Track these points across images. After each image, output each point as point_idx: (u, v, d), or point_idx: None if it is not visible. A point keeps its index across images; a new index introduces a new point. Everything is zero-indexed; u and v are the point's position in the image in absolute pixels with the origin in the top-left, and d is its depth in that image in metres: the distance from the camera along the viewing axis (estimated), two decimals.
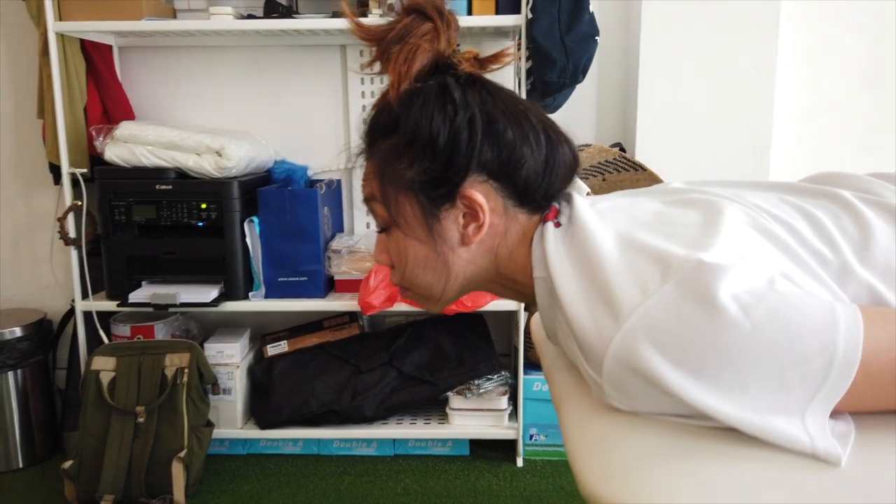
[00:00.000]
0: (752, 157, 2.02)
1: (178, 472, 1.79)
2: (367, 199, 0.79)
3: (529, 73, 1.81)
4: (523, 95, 1.83)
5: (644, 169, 1.94)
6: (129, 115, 2.10)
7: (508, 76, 2.09)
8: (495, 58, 0.78)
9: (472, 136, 0.72)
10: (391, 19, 0.75)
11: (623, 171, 1.97)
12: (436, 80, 0.74)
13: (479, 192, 0.73)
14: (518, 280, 0.78)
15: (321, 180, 2.14)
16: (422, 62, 0.74)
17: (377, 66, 0.77)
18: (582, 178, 1.72)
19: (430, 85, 0.74)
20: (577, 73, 1.77)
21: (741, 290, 0.59)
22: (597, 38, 1.80)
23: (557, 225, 0.75)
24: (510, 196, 0.75)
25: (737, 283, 0.59)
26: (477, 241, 0.75)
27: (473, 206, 0.73)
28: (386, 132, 0.76)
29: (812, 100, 2.09)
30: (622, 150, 2.01)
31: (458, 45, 0.78)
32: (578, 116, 2.14)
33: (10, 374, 1.99)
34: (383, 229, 0.79)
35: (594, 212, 0.74)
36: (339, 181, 2.18)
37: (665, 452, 0.62)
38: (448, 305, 0.82)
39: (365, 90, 2.12)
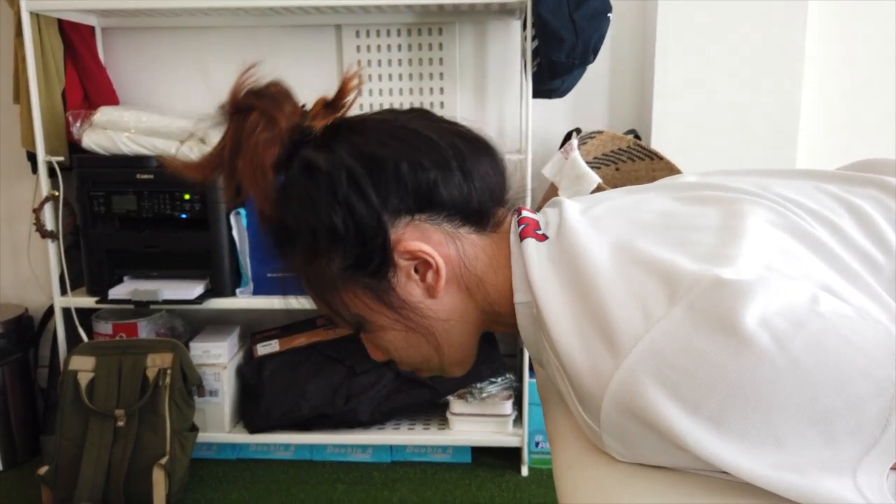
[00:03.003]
0: (777, 144, 1.87)
1: (158, 479, 1.68)
2: (325, 319, 0.68)
3: (536, 53, 1.67)
4: (528, 77, 1.69)
5: (660, 158, 1.80)
6: (113, 100, 1.99)
7: (514, 57, 1.95)
8: (343, 91, 0.65)
9: (364, 192, 0.59)
10: (215, 144, 0.63)
11: (637, 160, 1.83)
12: (296, 160, 0.62)
13: (413, 237, 0.61)
14: (501, 312, 0.65)
15: None
16: (271, 156, 0.61)
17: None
18: (594, 168, 1.59)
19: (293, 172, 0.61)
20: (588, 52, 1.63)
21: (773, 313, 0.46)
22: (609, 14, 1.65)
23: (542, 238, 0.62)
24: (445, 219, 0.62)
25: (767, 305, 0.46)
26: (443, 285, 0.62)
27: (417, 255, 0.61)
28: (288, 245, 0.64)
29: (844, 83, 1.93)
30: (637, 137, 1.86)
31: (302, 106, 0.65)
32: (589, 101, 1.99)
33: None
34: (369, 333, 0.68)
35: (586, 219, 0.61)
36: None
37: None
38: (468, 363, 0.70)
39: (361, 74, 1.99)
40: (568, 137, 1.81)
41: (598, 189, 1.51)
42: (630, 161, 1.84)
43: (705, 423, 0.47)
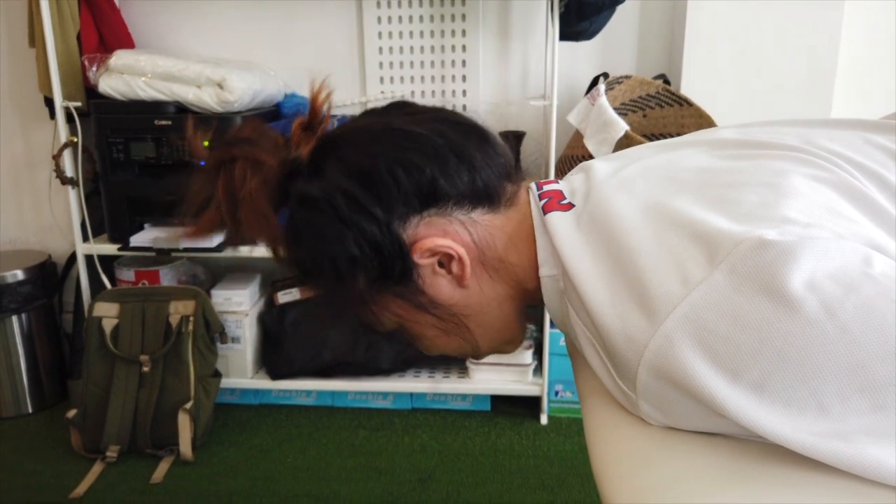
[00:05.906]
0: (813, 91, 1.80)
1: (184, 423, 1.71)
2: (382, 333, 0.67)
3: None
4: (555, 18, 1.63)
5: (690, 104, 1.74)
6: (129, 44, 1.95)
7: None
8: (315, 109, 0.62)
9: (367, 209, 0.57)
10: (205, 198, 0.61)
11: (666, 107, 1.78)
12: (292, 195, 0.59)
13: (427, 234, 0.59)
14: (530, 288, 0.63)
15: (335, 115, 1.98)
16: (268, 199, 0.59)
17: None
18: (621, 115, 1.54)
19: (293, 208, 0.59)
20: None
21: (823, 276, 0.43)
22: None
23: (568, 207, 0.59)
24: (454, 207, 0.60)
25: (816, 268, 0.44)
26: (470, 272, 0.61)
27: (437, 251, 0.59)
28: (310, 277, 0.63)
29: (885, 26, 1.84)
30: (666, 82, 1.80)
31: (282, 136, 0.62)
32: (618, 44, 1.92)
33: (15, 319, 1.92)
34: (408, 335, 0.67)
35: (616, 180, 0.58)
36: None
37: (719, 476, 0.48)
38: (518, 339, 0.70)
39: (381, 15, 1.93)
40: (595, 82, 1.75)
41: (626, 137, 1.46)
42: (659, 107, 1.78)
43: (747, 390, 0.45)
